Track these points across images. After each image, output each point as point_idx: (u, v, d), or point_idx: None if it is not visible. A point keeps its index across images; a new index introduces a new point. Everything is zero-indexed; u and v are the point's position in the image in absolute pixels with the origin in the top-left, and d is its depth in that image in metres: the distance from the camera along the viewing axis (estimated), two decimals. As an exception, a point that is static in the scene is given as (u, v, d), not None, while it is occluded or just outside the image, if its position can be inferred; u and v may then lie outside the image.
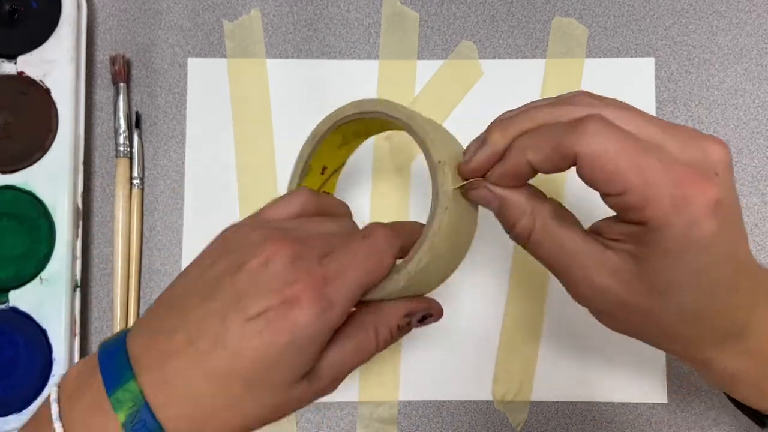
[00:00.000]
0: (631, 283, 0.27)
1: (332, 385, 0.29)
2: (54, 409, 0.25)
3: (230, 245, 0.28)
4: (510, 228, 0.29)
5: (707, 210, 0.25)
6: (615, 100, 0.28)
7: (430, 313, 0.32)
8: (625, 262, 0.27)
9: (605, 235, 0.28)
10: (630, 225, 0.26)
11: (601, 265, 0.27)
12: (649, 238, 0.26)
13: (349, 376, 0.31)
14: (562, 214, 0.29)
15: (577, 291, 0.28)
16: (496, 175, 0.29)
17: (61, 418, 0.25)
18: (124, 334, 0.27)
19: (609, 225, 0.28)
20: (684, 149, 0.26)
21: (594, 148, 0.25)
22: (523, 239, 0.29)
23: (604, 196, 0.26)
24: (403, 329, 0.30)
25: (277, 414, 0.27)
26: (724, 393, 0.33)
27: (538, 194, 0.29)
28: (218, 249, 0.29)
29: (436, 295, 0.37)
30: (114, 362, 0.26)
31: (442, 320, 0.43)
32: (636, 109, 0.27)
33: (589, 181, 0.26)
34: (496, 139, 0.29)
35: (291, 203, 0.31)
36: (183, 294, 0.28)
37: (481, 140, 0.30)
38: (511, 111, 0.30)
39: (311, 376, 0.28)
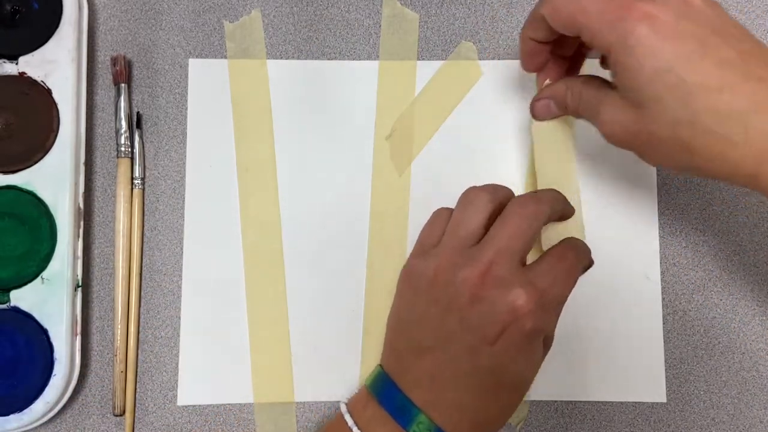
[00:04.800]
0: (622, 106, 0.32)
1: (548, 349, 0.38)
2: (348, 420, 0.35)
3: (439, 286, 0.35)
4: (564, 108, 0.38)
5: (637, 21, 0.30)
6: None
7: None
8: (616, 90, 0.33)
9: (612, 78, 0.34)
10: (608, 61, 0.32)
11: (606, 102, 0.34)
12: (612, 62, 0.32)
13: (350, 373, 0.32)
14: (589, 78, 0.36)
15: (602, 132, 0.35)
16: (522, 63, 0.39)
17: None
18: (381, 367, 0.37)
19: (607, 69, 0.35)
20: None
21: (551, 5, 0.33)
22: (573, 110, 0.37)
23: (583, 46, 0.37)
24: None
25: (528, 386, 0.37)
26: None
27: (572, 77, 0.38)
28: (429, 290, 0.35)
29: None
30: (394, 399, 0.34)
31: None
32: None
33: (559, 30, 0.34)
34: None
35: (478, 211, 0.37)
36: (413, 315, 0.36)
37: None
38: None
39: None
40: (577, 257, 0.36)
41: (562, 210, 0.38)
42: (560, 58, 0.39)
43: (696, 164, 0.31)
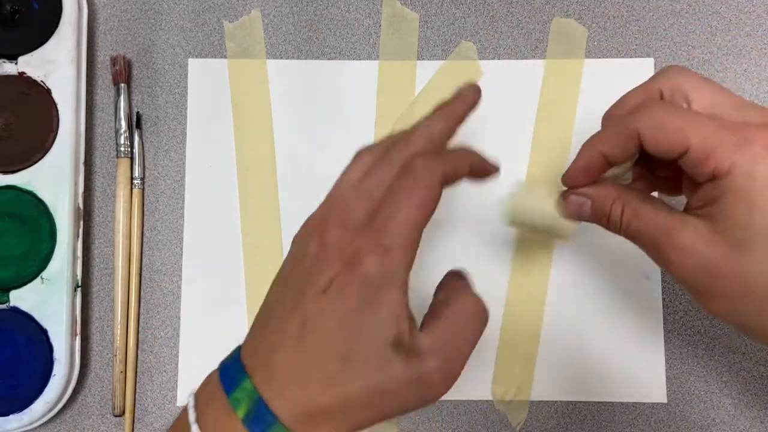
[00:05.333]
0: (713, 240, 0.27)
1: (444, 367, 0.27)
2: (191, 415, 0.28)
3: (295, 242, 0.30)
4: (605, 219, 0.31)
5: (767, 150, 0.26)
6: (701, 76, 0.30)
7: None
8: (704, 221, 0.28)
9: (690, 206, 0.30)
10: (704, 189, 0.28)
11: (684, 227, 0.28)
12: (720, 188, 0.27)
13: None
14: (648, 196, 0.31)
15: (666, 258, 0.29)
16: (570, 173, 0.32)
17: (198, 422, 0.27)
18: (238, 347, 0.29)
19: (690, 201, 0.30)
20: (740, 113, 0.28)
21: (652, 122, 0.28)
22: (616, 225, 0.31)
23: (678, 162, 0.28)
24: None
25: (381, 397, 0.26)
26: None
27: (621, 186, 0.32)
28: (291, 251, 0.31)
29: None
30: (229, 369, 0.28)
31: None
32: (718, 85, 0.29)
33: (656, 151, 0.28)
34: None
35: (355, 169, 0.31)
36: (269, 298, 0.30)
37: None
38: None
39: (408, 350, 0.26)
40: (437, 173, 0.28)
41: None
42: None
43: None
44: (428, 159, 0.28)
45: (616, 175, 0.32)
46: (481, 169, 0.32)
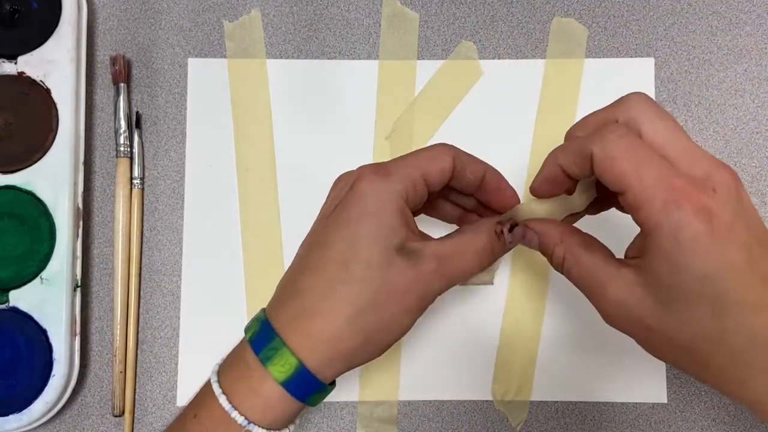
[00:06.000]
0: (641, 295, 0.28)
1: (439, 274, 0.30)
2: (214, 379, 0.31)
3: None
4: (549, 257, 0.32)
5: (695, 214, 0.26)
6: (660, 110, 0.29)
7: (516, 222, 0.33)
8: (635, 274, 0.28)
9: (627, 255, 0.30)
10: (638, 238, 0.29)
11: (616, 280, 0.29)
12: (647, 244, 0.27)
13: (350, 373, 0.31)
14: (590, 242, 0.31)
15: (601, 309, 0.30)
16: (535, 183, 0.32)
17: (221, 385, 0.30)
18: (262, 309, 0.32)
19: (631, 246, 0.30)
20: (691, 167, 0.27)
21: (605, 151, 0.28)
22: (558, 266, 0.31)
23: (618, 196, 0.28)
24: (499, 236, 0.32)
25: (386, 296, 0.29)
26: None
27: (569, 228, 0.32)
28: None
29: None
30: (257, 328, 0.31)
31: (442, 320, 0.43)
32: (675, 124, 0.29)
33: (600, 178, 0.28)
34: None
35: None
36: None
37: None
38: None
39: (411, 254, 0.30)
40: (450, 147, 0.33)
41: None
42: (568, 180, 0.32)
43: (703, 378, 0.29)
44: (447, 144, 0.33)
45: (565, 204, 0.32)
46: (491, 179, 0.34)
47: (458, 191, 0.34)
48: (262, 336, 0.30)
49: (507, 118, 0.45)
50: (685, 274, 0.26)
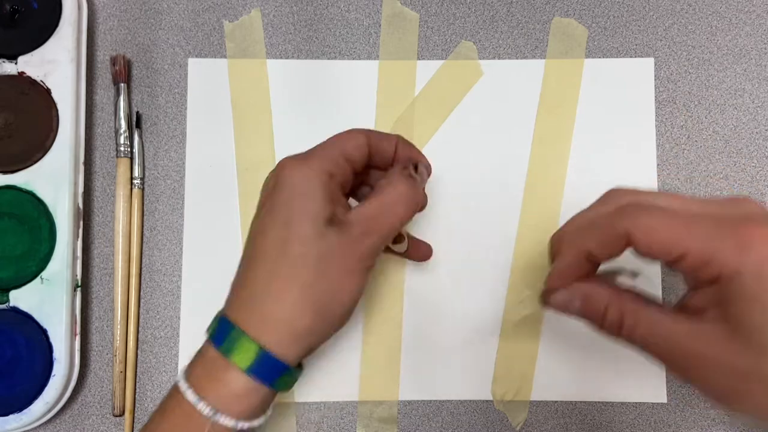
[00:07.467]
0: (730, 346, 0.26)
1: (366, 233, 0.32)
2: (182, 379, 0.31)
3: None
4: (599, 321, 0.30)
5: (759, 241, 0.25)
6: (650, 191, 0.29)
7: (416, 162, 0.35)
8: (717, 326, 0.27)
9: (691, 309, 0.28)
10: (708, 290, 0.27)
11: (699, 337, 0.27)
12: (729, 292, 0.26)
13: (350, 373, 0.31)
14: (644, 296, 0.30)
15: (684, 370, 0.28)
16: (556, 273, 0.31)
17: (188, 381, 0.31)
18: (220, 310, 0.33)
19: (691, 299, 0.28)
20: (725, 209, 0.27)
21: (645, 223, 0.27)
22: (615, 329, 0.30)
23: (672, 266, 0.27)
24: (414, 178, 0.34)
25: (325, 265, 0.31)
26: None
27: (612, 285, 0.30)
28: None
29: (440, 291, 0.37)
30: (215, 325, 0.32)
31: (442, 320, 0.43)
32: (671, 193, 0.29)
33: (649, 254, 0.27)
34: (558, 248, 0.31)
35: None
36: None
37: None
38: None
39: (340, 223, 0.31)
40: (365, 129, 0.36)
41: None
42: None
43: None
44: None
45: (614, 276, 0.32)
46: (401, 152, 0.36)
47: (380, 170, 0.37)
48: (221, 330, 0.31)
49: (507, 119, 0.45)
50: None
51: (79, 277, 0.42)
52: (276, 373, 0.30)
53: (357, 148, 0.34)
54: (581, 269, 0.30)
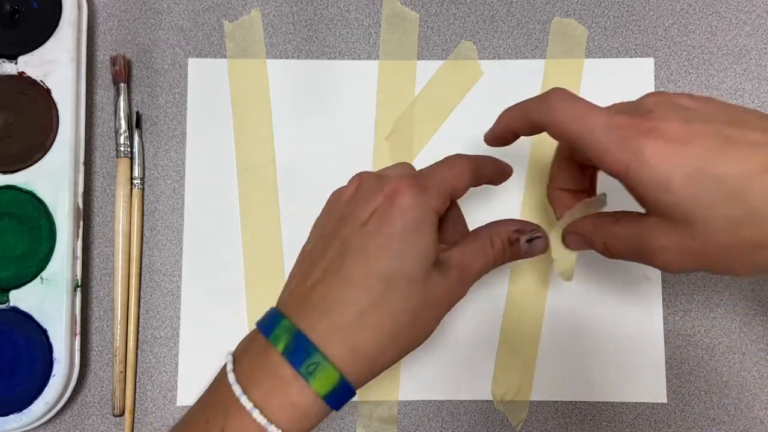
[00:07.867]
0: (670, 231, 0.29)
1: (461, 282, 0.32)
2: (229, 364, 0.30)
3: (329, 199, 0.33)
4: (594, 248, 0.34)
5: (644, 137, 0.28)
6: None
7: (538, 235, 0.35)
8: (654, 219, 0.29)
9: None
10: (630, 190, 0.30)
11: (650, 234, 0.30)
12: (631, 188, 0.29)
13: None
14: (621, 217, 0.32)
15: (657, 262, 0.30)
16: (486, 138, 0.36)
17: (234, 371, 0.29)
18: (282, 315, 0.31)
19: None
20: (627, 108, 0.30)
21: (553, 117, 0.31)
22: (603, 251, 0.33)
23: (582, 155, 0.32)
24: (513, 244, 0.34)
25: (424, 309, 0.30)
26: None
27: (594, 216, 0.34)
28: (324, 208, 0.34)
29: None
30: (267, 319, 0.30)
31: (442, 320, 0.43)
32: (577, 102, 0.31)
33: (558, 139, 0.32)
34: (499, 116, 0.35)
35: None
36: (303, 251, 0.33)
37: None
38: None
39: (441, 266, 0.31)
40: (468, 160, 0.34)
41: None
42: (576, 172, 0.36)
43: (753, 257, 0.28)
44: (464, 156, 0.34)
45: (587, 207, 0.34)
46: (499, 171, 0.36)
47: None
48: (299, 349, 0.29)
49: (507, 118, 0.45)
50: (675, 184, 0.27)
51: (79, 277, 0.42)
52: (346, 399, 0.30)
53: (464, 189, 0.33)
54: (508, 139, 0.35)
